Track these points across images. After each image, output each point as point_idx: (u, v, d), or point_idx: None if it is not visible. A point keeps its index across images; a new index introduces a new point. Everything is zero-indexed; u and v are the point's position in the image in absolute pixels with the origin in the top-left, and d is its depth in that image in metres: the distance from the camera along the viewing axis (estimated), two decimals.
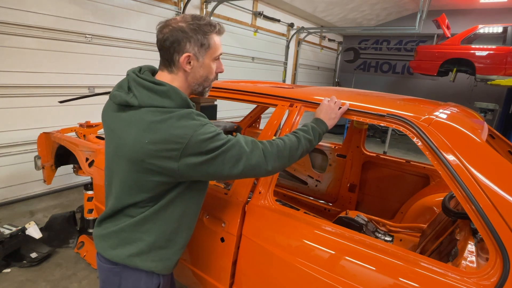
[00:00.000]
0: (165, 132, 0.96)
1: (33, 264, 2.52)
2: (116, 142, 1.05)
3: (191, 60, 1.05)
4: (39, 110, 3.58)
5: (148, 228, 1.09)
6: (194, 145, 0.96)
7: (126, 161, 1.02)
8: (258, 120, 3.39)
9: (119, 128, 1.04)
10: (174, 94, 1.01)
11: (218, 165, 1.01)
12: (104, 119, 1.14)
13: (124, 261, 1.10)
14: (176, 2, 4.88)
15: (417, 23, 5.15)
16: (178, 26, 1.02)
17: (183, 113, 0.99)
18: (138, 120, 0.99)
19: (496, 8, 8.31)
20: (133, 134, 0.98)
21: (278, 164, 1.14)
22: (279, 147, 1.14)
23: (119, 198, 1.09)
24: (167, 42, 1.02)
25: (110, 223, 1.13)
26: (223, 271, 1.50)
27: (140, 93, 1.00)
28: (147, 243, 1.10)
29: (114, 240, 1.11)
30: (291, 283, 1.30)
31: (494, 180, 1.06)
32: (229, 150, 1.02)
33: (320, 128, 1.31)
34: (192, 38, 1.02)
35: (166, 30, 1.03)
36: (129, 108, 1.02)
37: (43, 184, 3.23)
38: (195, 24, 1.02)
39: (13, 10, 3.18)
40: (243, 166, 1.05)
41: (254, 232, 1.42)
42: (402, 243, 2.05)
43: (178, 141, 0.95)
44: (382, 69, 10.95)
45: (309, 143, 1.24)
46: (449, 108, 1.53)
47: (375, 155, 2.78)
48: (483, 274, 1.01)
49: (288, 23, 7.69)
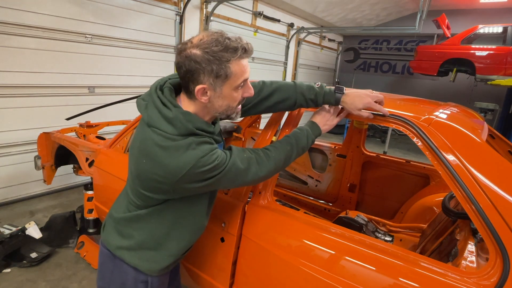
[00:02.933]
0: (162, 162, 0.96)
1: (33, 264, 2.52)
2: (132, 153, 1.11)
3: (207, 91, 0.98)
4: (39, 110, 3.58)
5: (140, 226, 1.15)
6: (191, 176, 0.97)
7: (131, 170, 1.13)
8: (258, 120, 3.38)
9: (134, 140, 1.10)
10: (178, 123, 0.96)
11: (214, 186, 1.07)
12: None
13: (114, 250, 1.17)
14: (176, 2, 4.88)
15: (417, 23, 5.15)
16: (192, 54, 0.93)
17: (183, 144, 0.96)
18: (144, 139, 1.01)
19: (496, 8, 8.31)
20: (138, 152, 1.04)
21: (272, 173, 1.20)
22: (270, 158, 1.16)
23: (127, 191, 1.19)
24: (182, 70, 0.97)
25: (114, 210, 1.24)
26: (223, 271, 1.50)
27: (152, 113, 1.00)
28: (137, 241, 1.15)
29: (110, 228, 1.21)
30: (291, 283, 1.30)
31: (494, 180, 1.06)
32: (225, 175, 1.03)
33: (313, 134, 1.31)
34: (206, 70, 0.93)
35: (182, 55, 0.95)
36: None
37: (43, 184, 3.22)
38: (210, 52, 0.93)
39: (13, 10, 3.18)
40: (238, 183, 1.12)
41: (254, 232, 1.42)
42: (402, 243, 2.05)
43: (173, 173, 0.96)
44: (382, 69, 10.95)
45: (301, 150, 1.27)
46: (449, 108, 1.53)
47: (375, 155, 2.78)
48: (483, 274, 1.01)
49: (288, 23, 7.69)
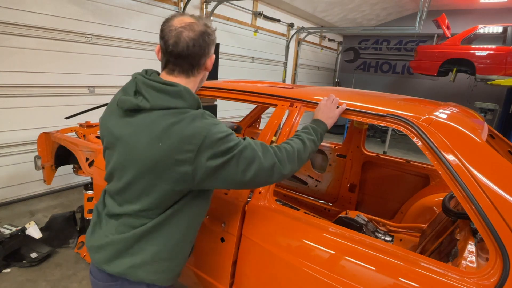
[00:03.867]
0: (179, 134, 0.93)
1: (33, 264, 2.52)
2: (126, 149, 1.00)
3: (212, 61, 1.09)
4: (39, 110, 3.58)
5: (152, 238, 1.05)
6: (209, 145, 0.93)
7: (137, 167, 0.99)
8: (258, 120, 3.39)
9: (128, 134, 0.99)
10: (187, 95, 0.99)
11: (232, 168, 0.98)
12: (105, 126, 1.08)
13: (125, 272, 1.03)
14: (176, 2, 4.88)
15: (417, 23, 5.15)
16: (203, 29, 1.01)
17: (196, 114, 0.97)
18: (151, 123, 0.96)
19: (496, 8, 8.31)
20: (146, 138, 0.95)
21: (290, 168, 1.12)
22: (288, 151, 1.12)
23: (124, 202, 1.05)
24: (196, 48, 1.00)
25: (107, 228, 1.08)
26: (223, 271, 1.50)
27: (151, 95, 0.97)
28: (151, 253, 1.04)
29: (113, 250, 1.05)
30: (291, 283, 1.30)
31: (494, 180, 1.06)
32: (242, 151, 0.99)
33: (320, 128, 1.31)
34: (214, 40, 1.06)
35: (190, 34, 0.99)
36: (139, 112, 0.99)
37: (43, 184, 3.22)
38: (210, 25, 1.05)
39: (13, 10, 3.18)
40: (255, 170, 1.01)
41: (254, 232, 1.42)
42: (402, 243, 2.05)
43: (192, 142, 0.93)
44: (382, 69, 10.95)
45: (313, 144, 1.24)
46: (449, 108, 1.53)
47: (375, 155, 2.78)
48: (483, 274, 1.01)
49: (288, 23, 7.69)
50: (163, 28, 1.02)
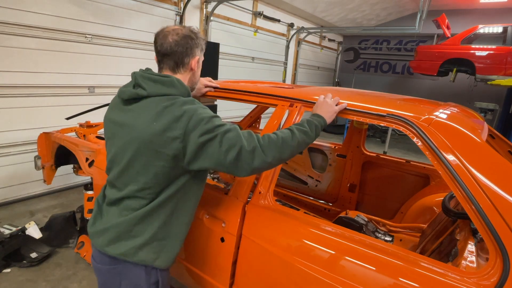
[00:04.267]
0: (171, 115, 1.06)
1: (33, 264, 2.52)
2: (127, 132, 1.12)
3: (197, 63, 1.26)
4: (39, 110, 3.58)
5: (151, 220, 1.15)
6: (195, 123, 1.06)
7: (136, 145, 1.10)
8: (258, 120, 3.38)
9: (128, 119, 1.13)
10: (179, 84, 1.16)
11: (215, 146, 1.07)
12: (108, 117, 1.23)
13: (126, 254, 1.13)
14: (176, 2, 4.88)
15: (417, 23, 5.15)
16: (188, 33, 1.19)
17: (186, 100, 1.13)
18: (148, 106, 1.10)
19: (496, 8, 8.31)
20: (143, 119, 1.09)
21: (273, 155, 1.14)
22: (271, 138, 1.17)
23: (124, 185, 1.16)
24: (180, 47, 1.18)
25: (109, 216, 1.18)
26: (223, 271, 1.50)
27: (148, 85, 1.12)
28: (150, 234, 1.14)
29: (115, 233, 1.15)
30: (291, 283, 1.30)
31: (494, 180, 1.06)
32: (226, 132, 1.09)
33: (316, 121, 1.30)
34: (199, 44, 1.23)
35: (176, 37, 1.17)
36: (138, 100, 1.14)
37: (43, 184, 3.22)
38: (197, 32, 1.23)
39: (13, 10, 3.18)
40: (237, 151, 1.08)
41: (254, 232, 1.42)
42: (402, 243, 2.05)
43: (181, 120, 1.05)
44: (382, 69, 10.95)
45: (304, 134, 1.23)
46: (449, 108, 1.53)
47: (375, 155, 2.78)
48: (483, 274, 1.01)
49: (288, 23, 7.69)
50: (156, 35, 1.21)
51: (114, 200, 1.18)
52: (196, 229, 1.61)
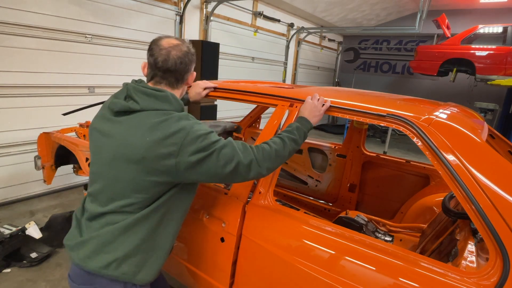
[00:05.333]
0: (165, 130, 1.04)
1: (33, 264, 2.52)
2: (115, 145, 1.08)
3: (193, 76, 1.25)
4: (39, 110, 3.58)
5: (134, 231, 1.09)
6: (191, 140, 1.04)
7: (126, 161, 1.06)
8: (258, 120, 3.38)
9: (119, 132, 1.08)
10: (174, 100, 1.13)
11: (213, 162, 1.07)
12: (95, 127, 1.17)
13: (107, 267, 1.06)
14: (176, 2, 4.88)
15: (417, 23, 5.15)
16: (188, 50, 1.18)
17: (181, 115, 1.10)
18: (141, 121, 1.06)
19: (496, 8, 8.31)
20: (137, 135, 1.05)
21: (267, 166, 1.19)
22: (266, 150, 1.20)
23: (108, 200, 1.09)
24: (182, 64, 1.16)
25: (89, 230, 1.11)
26: (223, 271, 1.50)
27: (142, 99, 1.09)
28: (134, 245, 1.09)
29: (95, 245, 1.07)
30: (291, 283, 1.30)
31: (494, 180, 1.06)
32: (223, 148, 1.09)
33: (305, 127, 1.35)
34: (194, 60, 1.22)
35: (178, 53, 1.14)
36: (130, 113, 1.09)
37: (43, 184, 3.22)
38: (190, 46, 1.21)
39: (13, 10, 3.18)
40: (234, 165, 1.10)
41: (254, 232, 1.42)
42: (402, 243, 2.05)
43: (177, 136, 1.03)
44: (382, 69, 10.95)
45: (294, 143, 1.29)
46: (449, 108, 1.53)
47: (375, 155, 2.78)
48: (483, 274, 1.01)
49: (288, 23, 7.69)
50: (152, 47, 1.15)
51: (96, 214, 1.11)
52: (196, 229, 1.61)
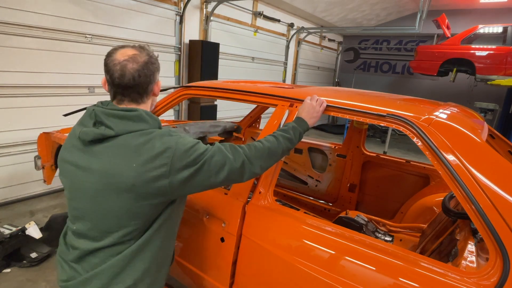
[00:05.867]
0: (151, 152, 0.97)
1: (33, 264, 2.52)
2: (97, 179, 0.99)
3: (159, 85, 1.14)
4: (39, 110, 3.58)
5: (142, 256, 1.06)
6: (179, 156, 0.99)
7: (115, 192, 0.98)
8: (258, 120, 3.39)
9: (97, 163, 0.99)
10: (148, 117, 1.04)
11: (205, 173, 1.04)
12: (67, 160, 1.06)
13: None
14: (176, 2, 4.88)
15: (417, 23, 5.15)
16: (146, 59, 1.05)
17: (163, 132, 1.03)
18: (122, 148, 0.98)
19: (496, 8, 8.31)
20: (121, 163, 0.97)
21: (260, 165, 1.17)
22: (258, 149, 1.18)
23: (103, 234, 1.02)
24: (142, 77, 1.04)
25: (88, 264, 1.04)
26: (223, 271, 1.50)
27: (114, 123, 0.99)
28: (143, 270, 1.06)
29: (103, 281, 1.02)
30: (291, 283, 1.30)
31: (494, 180, 1.06)
32: (213, 156, 1.05)
33: (301, 127, 1.34)
34: (158, 67, 1.11)
35: (134, 66, 1.02)
36: (104, 141, 1.00)
37: (43, 184, 3.22)
38: (151, 53, 1.09)
39: (13, 10, 3.18)
40: (227, 171, 1.08)
41: (254, 232, 1.42)
42: (402, 243, 2.05)
43: (164, 156, 0.98)
44: (382, 69, 10.95)
45: (288, 142, 1.27)
46: (449, 108, 1.53)
47: (375, 155, 2.78)
48: (483, 274, 1.01)
49: (288, 23, 7.69)
50: (106, 62, 1.03)
51: (92, 250, 1.03)
52: (196, 229, 1.61)
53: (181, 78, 5.21)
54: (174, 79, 5.14)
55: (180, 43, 5.07)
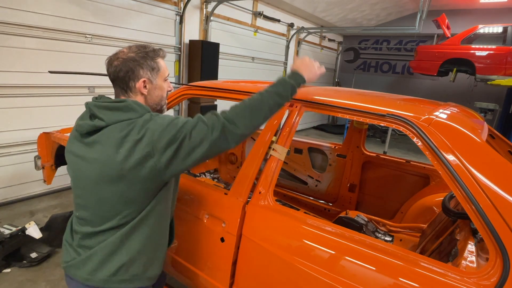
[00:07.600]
0: (134, 136, 1.02)
1: (33, 264, 2.52)
2: (92, 169, 1.06)
3: (146, 84, 1.14)
4: (39, 110, 3.58)
5: (137, 235, 1.11)
6: (160, 134, 1.02)
7: (109, 181, 1.04)
8: None
9: (92, 153, 1.06)
10: (137, 106, 1.09)
11: (188, 146, 1.04)
12: (71, 150, 1.15)
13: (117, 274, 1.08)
14: (176, 2, 4.88)
15: (417, 23, 5.15)
16: (128, 56, 1.12)
17: (145, 118, 1.07)
18: (109, 136, 1.04)
19: (496, 8, 8.31)
20: (108, 150, 1.03)
21: (243, 124, 1.12)
22: (238, 107, 1.13)
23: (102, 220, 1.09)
24: (121, 73, 1.11)
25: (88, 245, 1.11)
26: (223, 271, 1.50)
27: (105, 114, 1.06)
28: (138, 249, 1.12)
29: (100, 258, 1.08)
30: (291, 283, 1.30)
31: (494, 180, 1.06)
32: (193, 127, 1.06)
33: (294, 80, 1.24)
34: (144, 65, 1.13)
35: (116, 62, 1.11)
36: (97, 132, 1.07)
37: (43, 184, 3.22)
38: (142, 52, 1.13)
39: (13, 10, 3.18)
40: (210, 138, 1.06)
41: (254, 232, 1.42)
42: (402, 243, 2.06)
43: (145, 138, 1.02)
44: (382, 69, 10.95)
45: (277, 96, 1.19)
46: (449, 108, 1.53)
47: (375, 155, 2.78)
48: (483, 274, 1.01)
49: (288, 23, 7.69)
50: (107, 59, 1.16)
51: (92, 233, 1.11)
52: (196, 229, 1.61)
53: (181, 78, 5.22)
54: (174, 79, 5.15)
55: (180, 43, 5.07)
